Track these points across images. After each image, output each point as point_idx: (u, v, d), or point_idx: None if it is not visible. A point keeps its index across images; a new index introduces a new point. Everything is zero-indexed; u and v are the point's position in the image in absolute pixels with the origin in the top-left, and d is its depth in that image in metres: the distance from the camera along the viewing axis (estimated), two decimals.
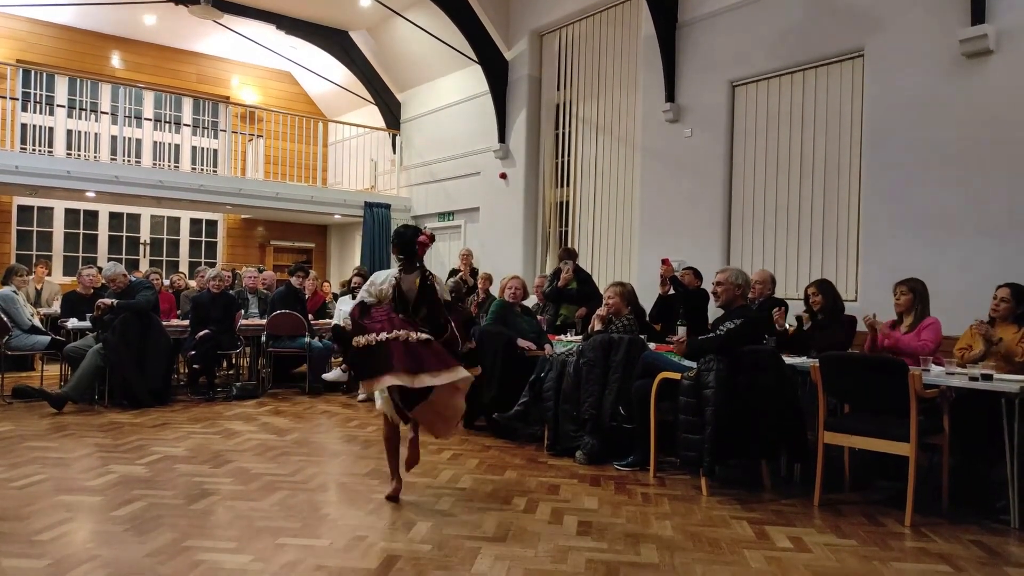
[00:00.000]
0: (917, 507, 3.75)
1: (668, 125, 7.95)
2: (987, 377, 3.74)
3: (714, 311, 4.96)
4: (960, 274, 5.51)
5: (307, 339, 7.76)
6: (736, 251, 7.42)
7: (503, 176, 10.17)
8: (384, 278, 3.96)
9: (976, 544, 3.45)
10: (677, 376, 4.39)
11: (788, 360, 4.47)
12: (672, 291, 6.28)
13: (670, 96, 7.88)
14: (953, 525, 3.72)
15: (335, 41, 11.92)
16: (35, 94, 11.10)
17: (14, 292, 7.17)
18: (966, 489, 4.10)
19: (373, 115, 12.73)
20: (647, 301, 6.49)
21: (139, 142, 12.17)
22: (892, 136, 6.11)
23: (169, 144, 12.62)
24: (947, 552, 3.33)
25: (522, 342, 5.74)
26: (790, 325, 5.46)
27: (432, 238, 4.06)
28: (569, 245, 9.50)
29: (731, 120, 7.47)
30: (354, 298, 7.99)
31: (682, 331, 4.77)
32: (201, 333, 7.17)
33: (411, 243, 3.97)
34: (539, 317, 6.81)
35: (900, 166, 6.05)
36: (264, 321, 7.75)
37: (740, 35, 7.30)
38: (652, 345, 5.19)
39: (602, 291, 7.14)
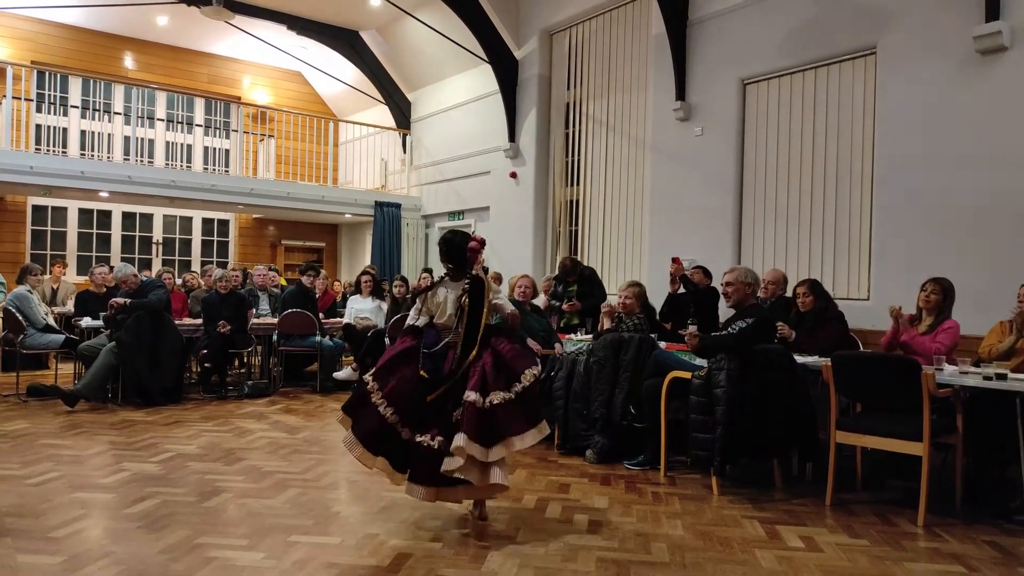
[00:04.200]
0: (930, 507, 3.73)
1: (679, 123, 7.92)
2: (1001, 377, 3.71)
3: (725, 310, 4.94)
4: (974, 273, 5.45)
5: (318, 338, 7.80)
6: (747, 250, 7.39)
7: (513, 175, 10.17)
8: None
9: (990, 544, 3.42)
10: (688, 375, 4.38)
11: (799, 359, 4.45)
12: (682, 289, 6.26)
13: (680, 94, 7.85)
14: (966, 525, 3.69)
15: (345, 41, 11.96)
16: (49, 95, 11.19)
17: (28, 291, 7.23)
18: (979, 489, 4.07)
19: (383, 115, 12.76)
20: (657, 300, 6.48)
21: (152, 142, 12.25)
22: (905, 134, 6.06)
23: (181, 144, 12.70)
24: (960, 552, 3.31)
25: (530, 343, 5.74)
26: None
27: (483, 243, 3.72)
28: (580, 242, 9.50)
29: (742, 118, 7.44)
30: (364, 297, 8.14)
31: (692, 329, 4.76)
32: (222, 325, 7.16)
33: (462, 250, 3.64)
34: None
35: (913, 164, 6.00)
36: (275, 320, 7.79)
37: (751, 33, 7.27)
38: (663, 344, 5.18)
39: (613, 290, 7.15)
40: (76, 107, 11.63)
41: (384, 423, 3.38)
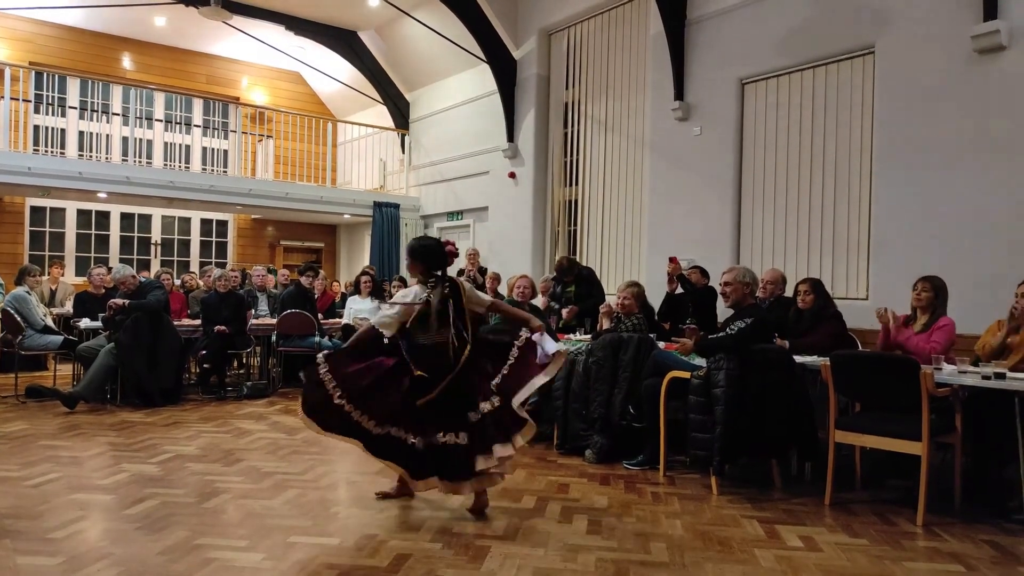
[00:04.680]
0: (929, 506, 3.73)
1: (677, 123, 7.93)
2: (1000, 376, 3.71)
3: (723, 309, 4.94)
4: (972, 272, 5.46)
5: (317, 338, 7.79)
6: (746, 249, 7.40)
7: (512, 175, 10.17)
8: (413, 295, 3.66)
9: (989, 544, 3.43)
10: (687, 375, 4.39)
11: (799, 359, 4.46)
12: (679, 289, 6.27)
13: (679, 94, 7.85)
14: (966, 525, 3.70)
15: (344, 41, 11.95)
16: (47, 96, 11.18)
17: (27, 292, 7.22)
18: (979, 488, 4.08)
19: (382, 115, 12.76)
20: (655, 299, 6.49)
21: (150, 143, 12.23)
22: (903, 133, 6.07)
23: (180, 145, 12.68)
24: (959, 551, 3.31)
25: None
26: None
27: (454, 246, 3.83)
28: (579, 242, 9.50)
29: (740, 118, 7.44)
30: (364, 297, 8.14)
31: (689, 331, 4.77)
32: (219, 328, 7.19)
33: (442, 254, 3.68)
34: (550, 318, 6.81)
35: (911, 163, 6.01)
36: (274, 320, 7.79)
37: (750, 32, 7.27)
38: (661, 344, 5.18)
39: (612, 290, 7.15)
40: (74, 108, 11.62)
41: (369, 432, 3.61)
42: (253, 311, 8.10)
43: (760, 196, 7.30)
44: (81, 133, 11.66)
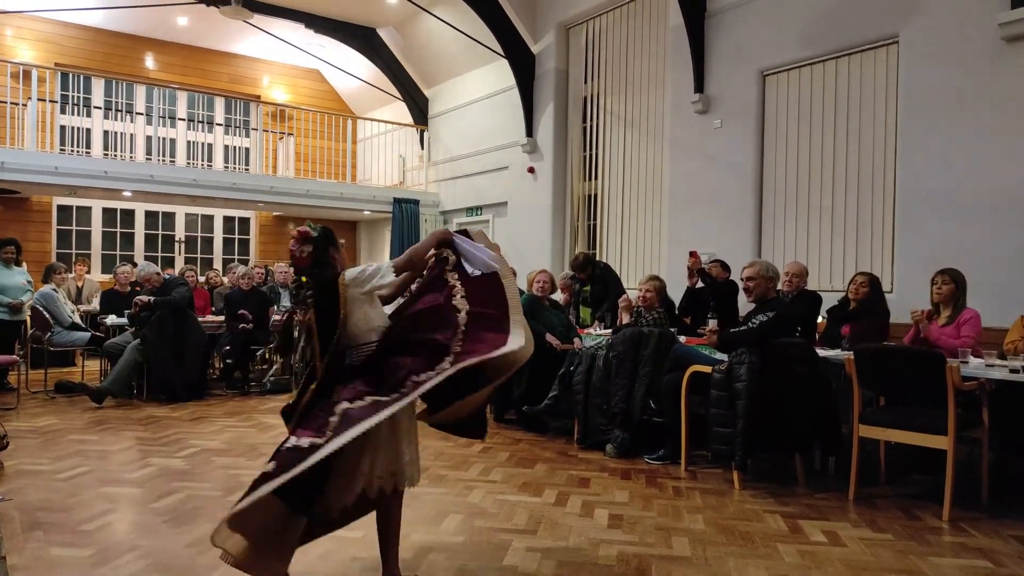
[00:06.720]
0: (955, 501, 3.69)
1: (697, 116, 7.87)
2: None
3: (744, 303, 4.91)
4: (999, 265, 5.37)
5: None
6: (767, 243, 7.33)
7: (531, 170, 10.16)
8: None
9: (1017, 539, 3.38)
10: (708, 369, 4.37)
11: (822, 353, 4.42)
12: (700, 284, 6.23)
13: (699, 87, 7.79)
14: (993, 520, 3.65)
15: (363, 38, 11.99)
16: (73, 96, 11.35)
17: (54, 290, 7.36)
18: (1006, 483, 4.02)
19: (401, 111, 12.79)
20: (676, 294, 6.46)
21: (173, 142, 12.38)
22: (928, 125, 5.97)
23: (202, 143, 12.80)
24: (987, 547, 3.27)
25: (549, 338, 5.74)
26: (823, 317, 5.43)
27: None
28: (599, 237, 9.48)
29: (762, 110, 7.37)
30: None
31: (713, 323, 4.74)
32: (241, 311, 7.32)
33: None
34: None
35: (936, 155, 5.91)
36: None
37: (771, 23, 7.19)
38: (682, 338, 5.16)
39: (631, 285, 7.14)
40: (99, 108, 11.77)
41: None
42: (276, 307, 8.18)
43: (782, 189, 7.22)
44: (106, 133, 11.82)
